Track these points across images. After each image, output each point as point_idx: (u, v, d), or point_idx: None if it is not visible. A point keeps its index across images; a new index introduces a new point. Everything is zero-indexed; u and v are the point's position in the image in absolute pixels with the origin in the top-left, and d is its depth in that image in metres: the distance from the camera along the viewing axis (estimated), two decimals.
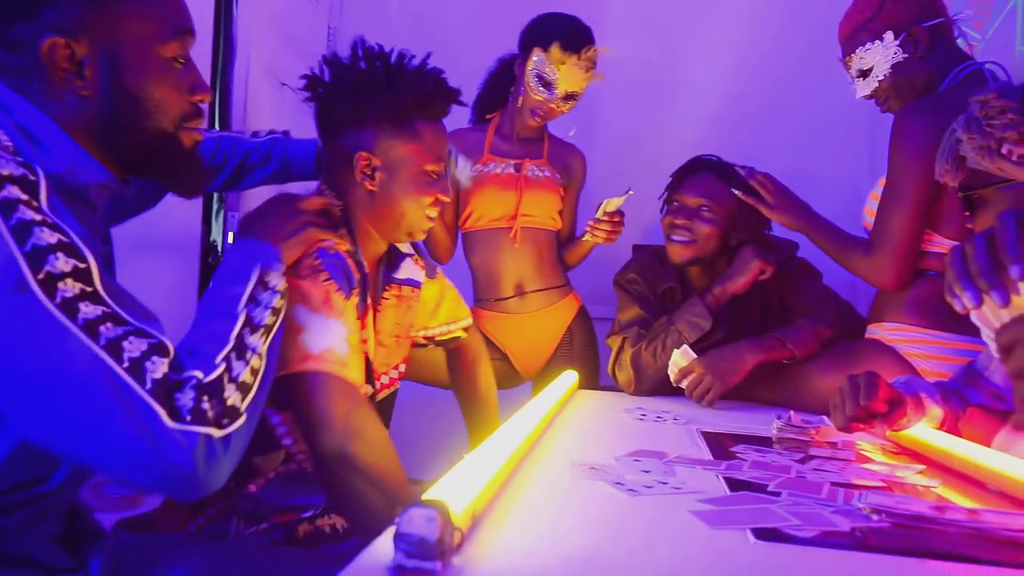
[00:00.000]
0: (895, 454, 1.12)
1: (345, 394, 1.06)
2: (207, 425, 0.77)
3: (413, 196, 1.23)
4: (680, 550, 0.61)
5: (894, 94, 1.60)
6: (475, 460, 0.70)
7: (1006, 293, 0.68)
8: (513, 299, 1.96)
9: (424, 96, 1.22)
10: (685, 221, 1.74)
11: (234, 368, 0.85)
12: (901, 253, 1.48)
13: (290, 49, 2.46)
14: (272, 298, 0.97)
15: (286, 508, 1.16)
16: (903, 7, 1.55)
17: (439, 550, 0.50)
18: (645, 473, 0.85)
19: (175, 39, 0.89)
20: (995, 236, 0.71)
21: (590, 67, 1.86)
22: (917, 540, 0.67)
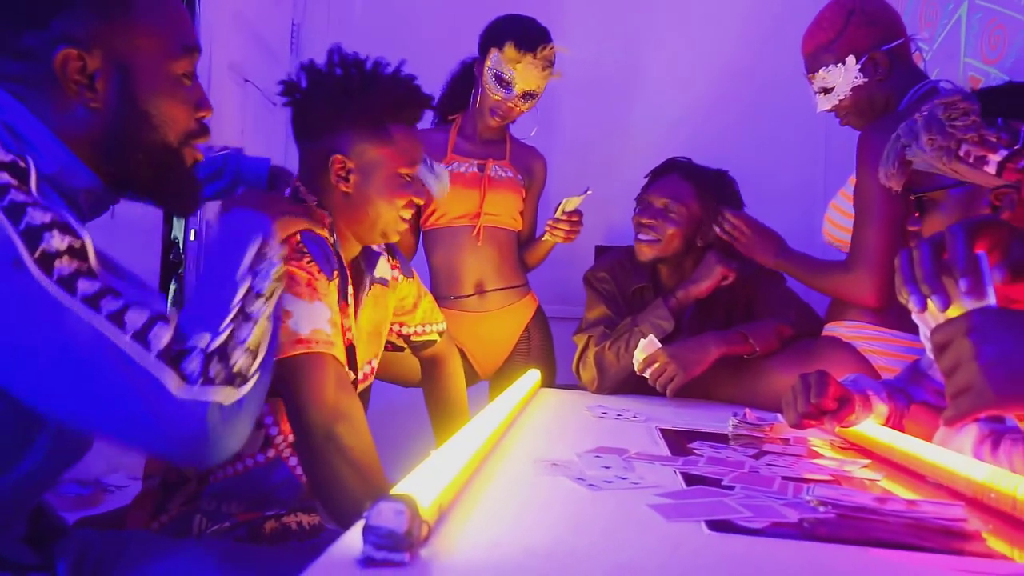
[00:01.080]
0: (843, 449, 1.16)
1: (336, 375, 1.10)
2: (216, 387, 0.78)
3: (387, 198, 1.27)
4: (638, 541, 0.64)
5: (854, 112, 1.67)
6: (441, 456, 0.72)
7: (946, 298, 0.73)
8: (473, 297, 1.98)
9: (398, 101, 1.25)
10: (650, 220, 1.78)
11: (238, 333, 0.86)
12: (879, 269, 1.52)
13: (254, 46, 2.45)
14: (271, 267, 0.97)
15: (252, 504, 1.17)
16: (865, 32, 1.61)
17: (407, 542, 0.52)
18: (605, 469, 0.87)
19: (185, 56, 0.90)
20: (941, 243, 0.75)
21: (547, 66, 1.89)
22: (860, 530, 0.70)
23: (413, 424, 1.82)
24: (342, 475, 1.07)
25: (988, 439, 0.94)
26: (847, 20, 1.61)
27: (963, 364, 0.64)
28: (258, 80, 2.47)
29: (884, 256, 1.52)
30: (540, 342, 2.05)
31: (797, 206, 2.46)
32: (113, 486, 1.80)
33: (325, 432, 1.07)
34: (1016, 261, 0.74)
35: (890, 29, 1.62)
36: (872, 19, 1.61)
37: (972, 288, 0.71)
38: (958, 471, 0.87)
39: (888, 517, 0.73)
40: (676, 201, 1.78)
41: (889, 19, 1.64)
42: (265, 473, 1.19)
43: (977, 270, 0.73)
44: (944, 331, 0.67)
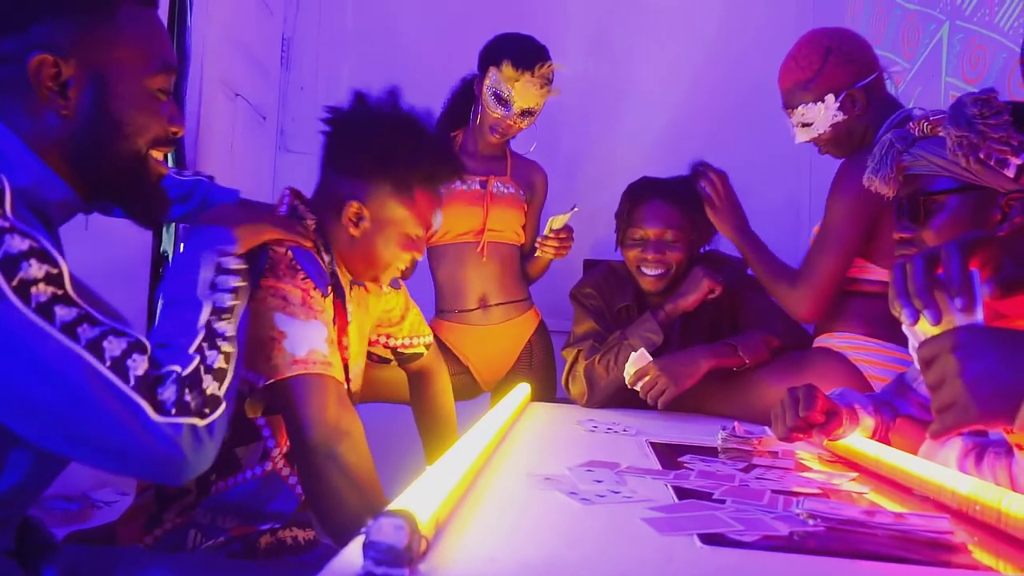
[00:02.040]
0: (831, 462, 1.18)
1: (336, 394, 1.11)
2: (191, 416, 0.81)
3: (393, 252, 1.29)
4: (632, 555, 0.65)
5: (833, 143, 1.71)
6: (437, 471, 0.73)
7: (938, 312, 0.74)
8: (477, 311, 2.00)
9: (434, 172, 1.28)
10: (656, 256, 1.79)
11: (208, 357, 0.88)
12: (823, 292, 1.60)
13: (245, 61, 2.46)
14: (229, 280, 0.99)
15: (247, 518, 1.17)
16: (843, 70, 1.64)
17: (407, 557, 0.53)
18: (598, 483, 0.88)
19: (162, 73, 0.92)
20: (934, 258, 0.77)
21: (544, 83, 1.91)
22: (849, 543, 0.71)
23: (402, 439, 1.82)
24: (342, 493, 1.07)
25: (972, 452, 0.95)
26: (824, 59, 1.64)
27: (948, 380, 0.66)
28: (248, 95, 2.47)
29: (831, 282, 1.59)
30: (542, 356, 2.07)
31: (782, 223, 2.49)
32: (102, 501, 1.79)
33: (327, 451, 1.07)
34: (1006, 277, 0.76)
35: (866, 65, 1.66)
36: (849, 57, 1.65)
37: (966, 306, 0.73)
38: (944, 484, 0.89)
39: (876, 530, 0.74)
40: (671, 228, 1.80)
41: (864, 56, 1.67)
42: (262, 486, 1.19)
43: (971, 288, 0.74)
44: (930, 346, 0.69)
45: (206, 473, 1.16)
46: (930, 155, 1.14)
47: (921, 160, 1.15)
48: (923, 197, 1.15)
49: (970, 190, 1.12)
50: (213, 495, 1.17)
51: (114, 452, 0.77)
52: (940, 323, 0.72)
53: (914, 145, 1.17)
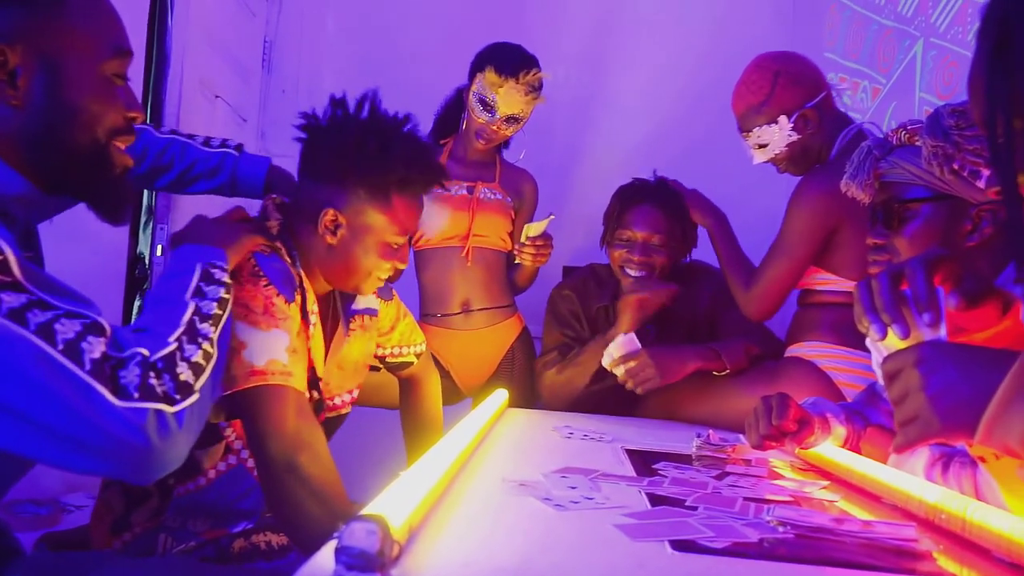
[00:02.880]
0: (803, 471, 1.19)
1: (296, 406, 1.09)
2: (157, 401, 0.76)
3: (372, 262, 1.25)
4: (604, 560, 0.65)
5: (790, 161, 1.76)
6: (411, 476, 0.73)
7: (906, 327, 0.76)
8: (459, 316, 2.01)
9: (410, 177, 1.24)
10: (643, 258, 1.83)
11: (186, 349, 0.85)
12: (771, 297, 1.67)
13: (225, 63, 2.45)
14: (218, 291, 0.98)
15: (218, 519, 1.16)
16: (792, 91, 1.70)
17: (379, 562, 0.53)
18: (572, 489, 0.89)
19: (116, 58, 0.89)
20: (898, 275, 0.79)
21: (530, 91, 1.93)
22: (818, 550, 0.72)
23: (385, 444, 1.82)
24: (304, 504, 1.05)
25: (939, 462, 0.97)
26: (774, 82, 1.70)
27: (911, 394, 0.67)
28: (229, 97, 2.46)
29: (778, 288, 1.66)
30: (524, 362, 2.07)
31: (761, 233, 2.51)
32: (72, 505, 1.76)
33: (286, 462, 1.06)
34: (968, 291, 0.78)
35: (814, 85, 1.71)
36: (796, 79, 1.70)
37: (934, 321, 0.74)
38: (911, 493, 0.90)
39: (844, 537, 0.75)
40: (659, 233, 1.84)
41: (812, 76, 1.73)
42: (229, 483, 1.19)
43: (937, 303, 0.76)
44: (894, 361, 0.70)
45: (164, 477, 1.15)
46: (906, 164, 1.16)
47: (897, 168, 1.17)
48: (897, 204, 1.17)
49: (943, 199, 1.14)
50: (177, 499, 1.16)
51: (73, 443, 0.72)
52: (908, 338, 0.74)
53: (891, 153, 1.20)
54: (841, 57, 2.40)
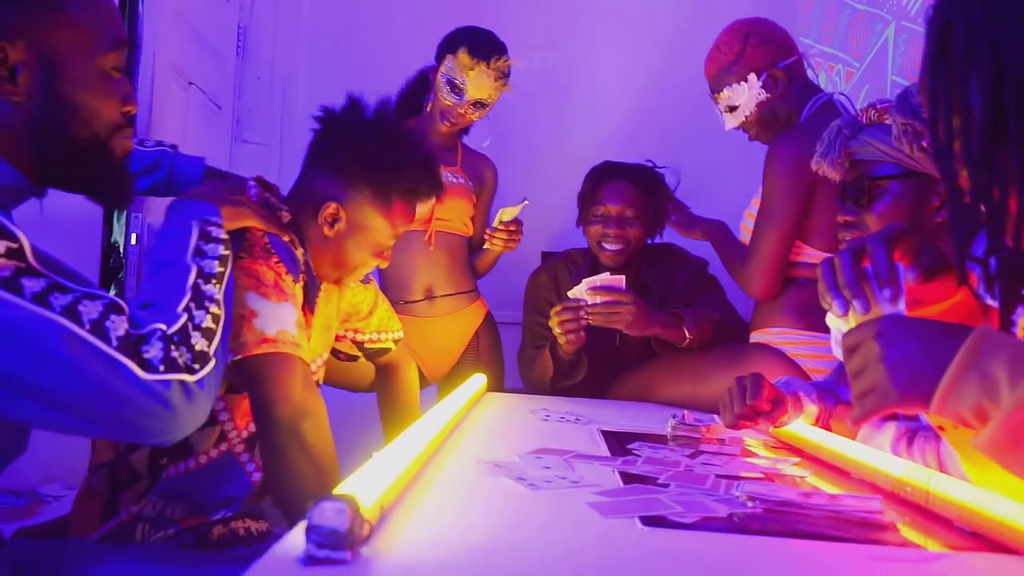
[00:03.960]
0: (776, 448, 1.21)
1: (303, 375, 1.13)
2: (180, 372, 0.82)
3: (362, 258, 1.32)
4: (575, 537, 0.67)
5: (761, 126, 1.78)
6: (384, 457, 0.73)
7: (867, 303, 0.78)
8: (422, 303, 1.99)
9: (416, 188, 1.32)
10: (617, 231, 1.87)
11: (196, 316, 0.89)
12: (771, 267, 1.65)
13: (198, 49, 2.42)
14: (217, 248, 1.01)
15: (198, 507, 1.17)
16: (762, 51, 1.72)
17: (349, 540, 0.54)
18: (546, 469, 0.90)
19: (113, 50, 0.90)
20: (860, 251, 0.80)
21: (499, 77, 1.93)
22: (785, 523, 0.74)
23: (364, 427, 1.82)
24: (303, 471, 1.09)
25: (905, 437, 0.99)
26: (744, 42, 1.73)
27: (870, 365, 0.69)
28: (203, 83, 2.44)
29: (777, 256, 1.65)
30: (489, 347, 2.07)
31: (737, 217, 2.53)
32: (50, 496, 1.75)
33: (290, 428, 1.10)
34: (926, 265, 0.80)
35: (784, 48, 1.74)
36: (767, 39, 1.73)
37: (894, 296, 0.76)
38: (878, 467, 0.92)
39: (811, 511, 0.77)
40: (631, 206, 1.88)
41: (782, 39, 1.76)
42: (216, 469, 1.19)
43: (897, 279, 0.78)
44: (855, 335, 0.72)
45: (157, 457, 1.16)
46: (876, 142, 1.18)
47: (867, 146, 1.19)
48: (867, 182, 1.19)
49: (912, 177, 1.16)
50: (165, 480, 1.17)
51: (103, 415, 0.77)
52: (869, 313, 0.76)
53: (862, 131, 1.21)
54: (815, 41, 2.42)
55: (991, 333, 0.62)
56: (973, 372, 0.60)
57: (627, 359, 1.90)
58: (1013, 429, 0.57)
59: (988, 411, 0.59)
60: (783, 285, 1.68)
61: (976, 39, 0.64)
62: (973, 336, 0.61)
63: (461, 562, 0.58)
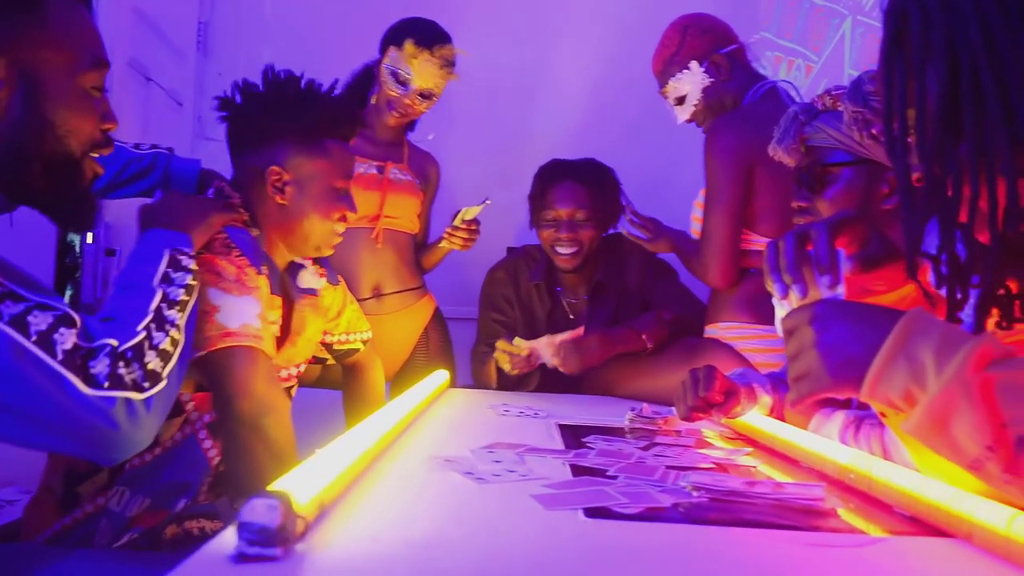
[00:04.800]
0: (731, 439, 1.22)
1: (265, 369, 1.13)
2: (126, 389, 0.81)
3: (321, 211, 1.31)
4: (516, 530, 0.67)
5: (710, 115, 1.80)
6: (327, 454, 0.73)
7: (806, 287, 0.79)
8: (370, 300, 1.98)
9: (333, 117, 1.31)
10: (570, 235, 1.87)
11: (155, 337, 0.90)
12: (723, 251, 1.66)
13: (157, 44, 2.38)
14: (185, 277, 1.02)
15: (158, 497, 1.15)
16: (701, 40, 1.78)
17: (280, 537, 0.53)
18: (497, 463, 0.90)
19: (94, 69, 0.90)
20: (805, 236, 0.81)
21: (444, 65, 1.92)
22: (729, 512, 0.75)
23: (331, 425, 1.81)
24: (263, 466, 1.09)
25: (852, 425, 1.00)
26: (684, 34, 1.79)
27: (804, 350, 0.70)
28: (162, 80, 2.40)
29: (727, 239, 1.66)
30: (439, 343, 2.07)
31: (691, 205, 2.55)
32: (4, 500, 1.72)
33: (252, 422, 1.09)
34: (868, 255, 0.81)
35: (723, 36, 1.80)
36: (705, 29, 1.79)
37: (833, 283, 0.77)
38: (825, 455, 0.93)
39: (755, 499, 0.78)
40: (582, 208, 1.87)
41: (721, 28, 1.81)
42: (178, 454, 1.18)
43: (836, 266, 0.79)
44: (791, 318, 0.73)
45: None
46: (829, 128, 1.20)
47: (821, 133, 1.20)
48: (820, 168, 1.20)
49: (863, 164, 1.17)
50: (128, 471, 1.15)
51: (46, 427, 0.77)
52: (807, 297, 0.77)
53: (816, 118, 1.23)
54: (776, 36, 2.44)
55: (921, 317, 0.63)
56: (902, 357, 0.61)
57: None
58: (937, 413, 0.58)
59: (916, 396, 0.60)
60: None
61: (932, 30, 0.64)
62: (903, 321, 0.62)
63: (399, 556, 0.58)
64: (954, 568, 0.62)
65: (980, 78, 0.62)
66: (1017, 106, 0.60)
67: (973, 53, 0.62)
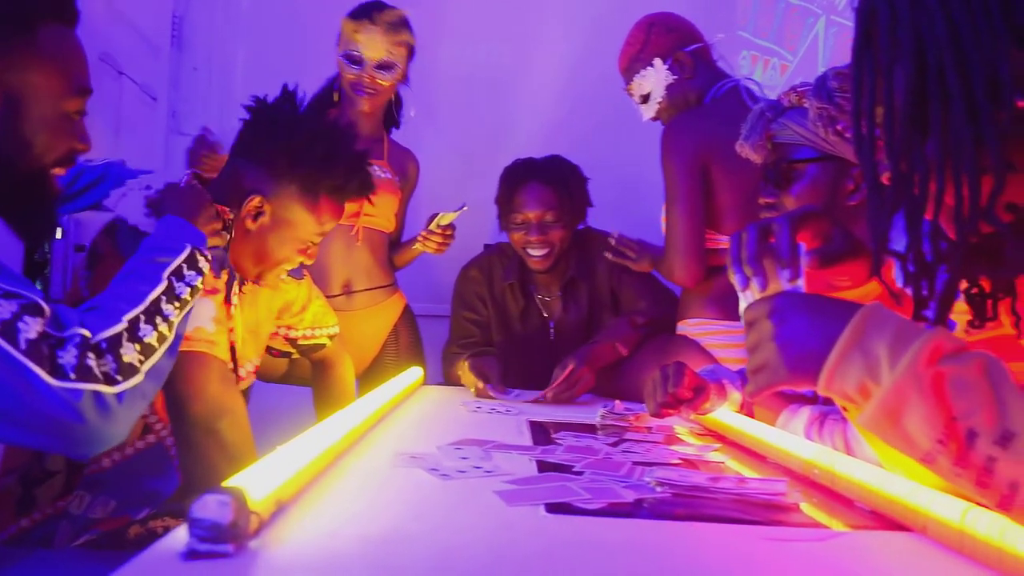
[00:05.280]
0: (701, 435, 1.23)
1: (219, 372, 1.12)
2: (95, 382, 0.79)
3: (285, 254, 1.30)
4: (476, 525, 0.66)
5: (674, 112, 1.80)
6: (287, 450, 0.72)
7: (766, 280, 0.79)
8: (340, 297, 1.96)
9: (345, 187, 1.30)
10: (540, 237, 1.85)
11: (141, 329, 0.88)
12: (687, 249, 1.65)
13: (129, 38, 2.35)
14: (196, 278, 1.02)
15: (122, 503, 1.14)
16: (666, 37, 1.79)
17: (232, 534, 0.53)
18: (463, 460, 0.89)
19: (78, 96, 0.91)
20: (768, 229, 0.81)
21: (389, 30, 1.91)
22: (692, 507, 0.75)
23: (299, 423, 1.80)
24: (220, 470, 1.07)
25: (817, 420, 1.01)
26: (648, 31, 1.80)
27: (763, 342, 0.70)
28: (135, 74, 2.37)
29: (689, 235, 1.65)
30: (409, 340, 2.06)
31: None
32: None
33: (207, 426, 1.08)
34: (829, 250, 0.81)
35: (687, 35, 1.81)
36: (670, 27, 1.80)
37: (794, 277, 0.77)
38: (790, 451, 0.94)
39: (718, 494, 0.78)
40: (551, 209, 1.87)
41: (685, 27, 1.82)
42: (143, 461, 1.17)
43: (797, 260, 0.79)
44: (752, 310, 0.73)
45: None
46: (794, 125, 1.20)
47: (787, 129, 1.21)
48: (785, 164, 1.21)
49: (829, 160, 1.18)
50: (87, 476, 1.14)
51: (10, 420, 0.75)
52: (768, 290, 0.77)
53: (782, 115, 1.23)
54: (753, 35, 2.45)
55: (877, 311, 0.63)
56: (857, 351, 0.62)
57: (561, 353, 1.90)
58: (890, 406, 0.58)
59: (870, 389, 0.60)
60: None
61: (899, 27, 0.64)
62: (859, 314, 0.63)
63: (355, 552, 0.58)
64: (909, 562, 0.63)
65: (946, 76, 0.61)
66: (981, 104, 0.60)
67: (939, 51, 0.62)
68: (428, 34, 1.99)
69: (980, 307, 0.71)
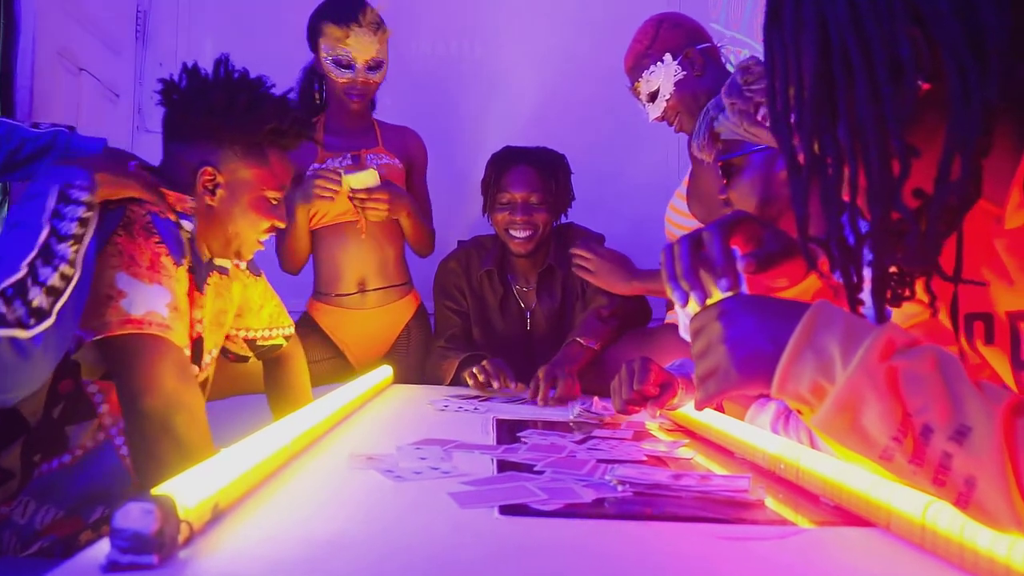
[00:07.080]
0: (671, 431, 1.21)
1: (175, 362, 1.07)
2: (8, 327, 0.82)
3: (251, 219, 1.28)
4: (426, 528, 0.64)
5: (683, 111, 1.77)
6: (232, 453, 0.69)
7: (704, 293, 0.76)
8: (354, 296, 1.95)
9: (280, 128, 1.27)
10: (524, 217, 1.85)
11: (40, 273, 0.89)
12: None
13: (90, 33, 2.29)
14: (77, 210, 0.99)
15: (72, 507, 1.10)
16: (674, 33, 1.76)
17: (157, 543, 0.50)
18: (422, 460, 0.87)
19: None
20: (699, 239, 0.78)
21: (375, 29, 1.88)
22: (652, 506, 0.73)
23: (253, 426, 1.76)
24: (172, 468, 1.01)
25: (783, 416, 0.99)
26: (657, 28, 1.78)
27: (712, 347, 0.67)
28: (96, 70, 2.32)
29: None
30: (419, 339, 2.04)
31: (652, 201, 2.54)
32: None
33: (161, 421, 1.03)
34: (766, 252, 0.79)
35: (697, 32, 1.79)
36: (678, 23, 1.79)
37: (731, 286, 0.74)
38: (757, 446, 0.92)
39: (680, 492, 0.76)
40: (536, 192, 1.86)
41: (694, 25, 1.80)
42: (92, 461, 1.13)
43: (734, 268, 0.76)
44: (700, 317, 0.70)
45: (30, 453, 1.09)
46: (728, 121, 1.19)
47: (724, 126, 1.20)
48: (723, 161, 1.20)
49: (760, 151, 1.17)
50: (37, 479, 1.10)
51: None
52: (708, 302, 0.73)
53: (723, 112, 1.22)
54: (725, 27, 2.44)
55: (825, 308, 0.60)
56: (809, 351, 0.59)
57: (539, 346, 1.89)
58: (845, 404, 0.56)
59: (824, 388, 0.58)
60: None
61: (803, 7, 0.61)
62: (808, 313, 0.60)
63: (296, 558, 0.55)
64: (872, 558, 0.61)
65: (849, 56, 0.59)
66: (884, 86, 0.57)
67: (841, 29, 0.59)
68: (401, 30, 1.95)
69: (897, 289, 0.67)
